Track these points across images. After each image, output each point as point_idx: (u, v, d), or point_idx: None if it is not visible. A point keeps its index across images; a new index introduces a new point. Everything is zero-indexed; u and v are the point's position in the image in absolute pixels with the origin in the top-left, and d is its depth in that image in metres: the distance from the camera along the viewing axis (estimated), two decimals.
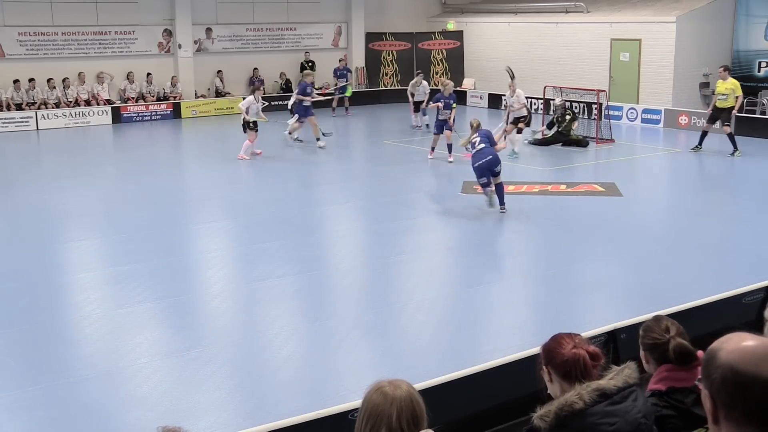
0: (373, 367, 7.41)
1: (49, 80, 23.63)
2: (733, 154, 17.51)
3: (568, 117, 19.48)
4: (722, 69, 18.15)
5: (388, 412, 2.54)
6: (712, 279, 9.49)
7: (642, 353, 3.72)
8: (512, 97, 18.07)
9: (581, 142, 19.23)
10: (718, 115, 17.79)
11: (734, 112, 17.64)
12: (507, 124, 17.95)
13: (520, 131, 18.01)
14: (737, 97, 17.57)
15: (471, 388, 6.14)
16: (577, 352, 3.12)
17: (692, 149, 18.16)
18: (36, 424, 6.54)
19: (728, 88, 17.63)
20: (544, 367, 3.23)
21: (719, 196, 15.07)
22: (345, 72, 26.05)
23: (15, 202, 14.36)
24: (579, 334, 3.29)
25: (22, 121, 22.89)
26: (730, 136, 17.56)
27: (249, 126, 17.58)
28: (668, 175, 17.27)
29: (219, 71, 26.60)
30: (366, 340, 8.22)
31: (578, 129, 19.95)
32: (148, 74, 25.22)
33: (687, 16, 23.04)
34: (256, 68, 26.93)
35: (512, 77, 18.31)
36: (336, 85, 25.79)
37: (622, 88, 24.19)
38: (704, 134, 18.03)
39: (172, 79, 25.67)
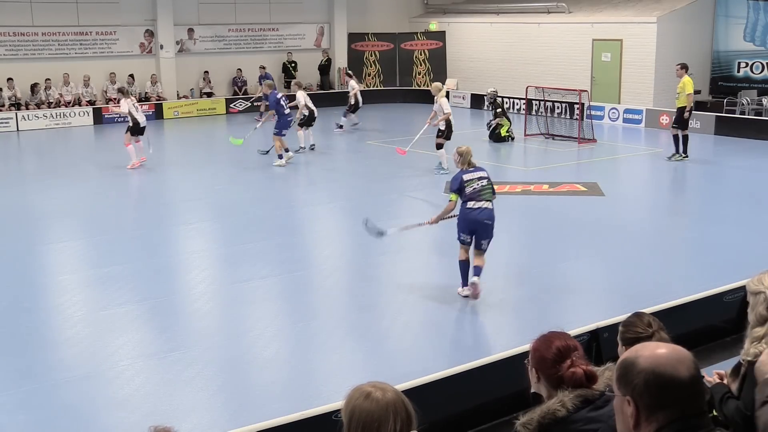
0: (357, 368, 7.40)
1: (34, 85, 23.48)
2: (670, 157, 16.96)
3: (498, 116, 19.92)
4: (678, 66, 17.23)
5: (385, 417, 2.46)
6: (693, 278, 9.56)
7: (621, 348, 3.72)
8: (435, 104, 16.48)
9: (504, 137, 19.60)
10: (676, 114, 17.15)
11: (686, 112, 16.70)
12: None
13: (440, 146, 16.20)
14: (688, 95, 16.68)
15: (454, 388, 6.15)
16: (576, 371, 3.04)
17: (669, 158, 17.24)
18: (17, 427, 6.48)
19: (679, 87, 16.91)
20: (534, 370, 3.18)
21: (700, 196, 15.17)
22: (264, 79, 25.30)
23: None
24: (568, 334, 3.24)
25: (1, 123, 22.70)
26: (674, 138, 16.94)
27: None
28: (650, 174, 17.36)
29: (206, 72, 26.51)
30: (349, 341, 8.22)
31: (512, 128, 20.36)
32: (130, 75, 25.10)
33: (667, 16, 23.20)
34: (239, 69, 26.85)
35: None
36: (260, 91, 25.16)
37: (604, 89, 24.31)
38: (675, 138, 17.05)
39: (151, 77, 25.55)
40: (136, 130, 17.02)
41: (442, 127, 16.19)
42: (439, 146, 16.13)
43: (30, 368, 7.49)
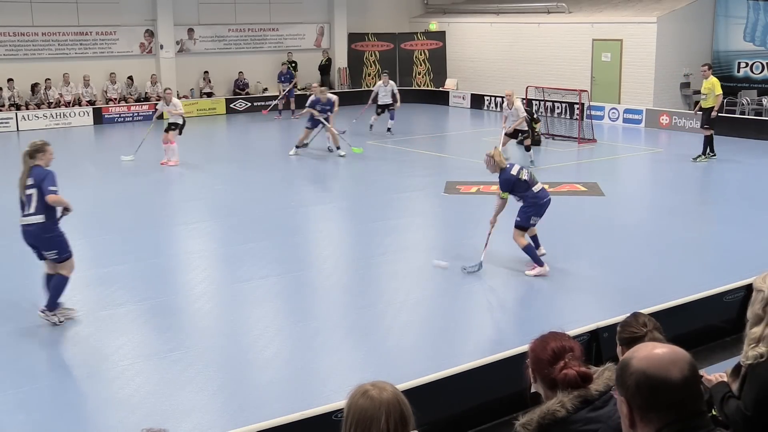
0: (357, 368, 7.40)
1: (35, 85, 23.48)
2: (696, 158, 16.92)
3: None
4: (705, 67, 17.29)
5: (377, 416, 2.50)
6: (693, 278, 9.55)
7: (619, 349, 3.75)
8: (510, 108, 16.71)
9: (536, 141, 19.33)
10: (703, 115, 17.17)
11: (714, 112, 16.81)
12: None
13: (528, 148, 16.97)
14: (717, 96, 16.79)
15: (454, 388, 6.15)
16: (568, 373, 3.06)
17: (704, 157, 17.07)
18: (17, 427, 6.48)
19: (707, 87, 16.96)
20: (531, 371, 3.20)
21: (700, 196, 15.17)
22: (289, 76, 25.61)
23: None
24: (566, 335, 3.25)
25: (1, 123, 22.71)
26: (706, 139, 16.93)
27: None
28: (650, 175, 17.37)
29: (206, 72, 26.52)
30: (349, 340, 8.22)
31: (541, 128, 20.11)
32: (129, 77, 25.10)
33: (667, 16, 23.20)
34: (241, 72, 26.86)
35: None
36: (282, 90, 25.31)
37: (604, 89, 24.31)
38: (708, 139, 17.00)
39: (151, 77, 25.56)
40: (183, 128, 17.58)
41: (525, 127, 16.86)
42: (528, 147, 16.84)
43: (30, 368, 7.49)
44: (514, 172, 9.76)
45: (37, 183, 8.14)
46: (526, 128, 16.81)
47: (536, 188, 9.89)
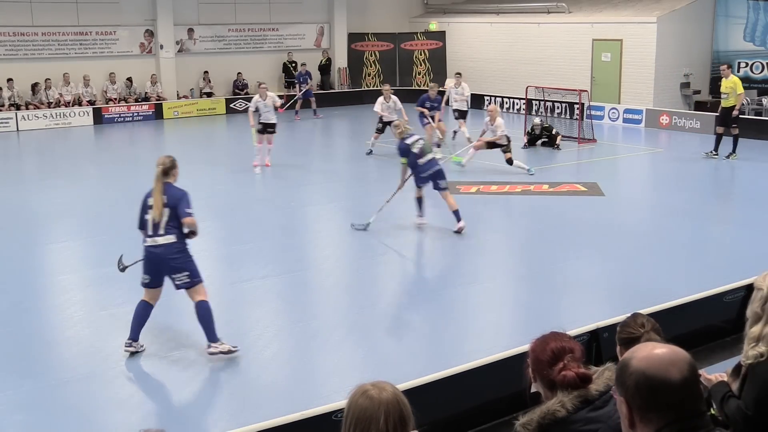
0: (357, 368, 7.40)
1: (35, 85, 23.48)
2: (728, 156, 17.06)
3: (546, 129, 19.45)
4: (725, 67, 17.46)
5: (376, 415, 2.51)
6: (693, 278, 9.55)
7: (618, 348, 3.77)
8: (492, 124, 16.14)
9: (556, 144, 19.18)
10: (723, 115, 17.26)
11: (735, 111, 16.94)
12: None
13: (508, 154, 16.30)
14: (739, 95, 16.95)
15: (454, 388, 6.15)
16: (566, 374, 3.06)
17: (707, 154, 17.37)
18: (17, 427, 6.48)
19: (728, 87, 17.00)
20: (531, 371, 3.20)
21: (700, 196, 15.16)
22: (306, 77, 25.52)
23: None
24: (567, 336, 3.24)
25: (1, 123, 22.70)
26: (734, 138, 17.05)
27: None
28: (650, 175, 17.37)
29: (206, 72, 26.51)
30: (349, 340, 8.22)
31: (560, 130, 20.07)
32: (128, 78, 25.10)
33: (667, 16, 23.20)
34: (239, 72, 26.86)
35: None
36: (300, 90, 25.24)
37: (604, 89, 24.31)
38: (719, 138, 17.25)
39: (151, 77, 25.56)
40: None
41: (504, 142, 16.07)
42: (510, 161, 15.96)
43: (30, 368, 7.49)
44: (408, 142, 11.65)
45: (171, 203, 7.68)
46: (506, 143, 16.04)
47: (422, 161, 11.57)
